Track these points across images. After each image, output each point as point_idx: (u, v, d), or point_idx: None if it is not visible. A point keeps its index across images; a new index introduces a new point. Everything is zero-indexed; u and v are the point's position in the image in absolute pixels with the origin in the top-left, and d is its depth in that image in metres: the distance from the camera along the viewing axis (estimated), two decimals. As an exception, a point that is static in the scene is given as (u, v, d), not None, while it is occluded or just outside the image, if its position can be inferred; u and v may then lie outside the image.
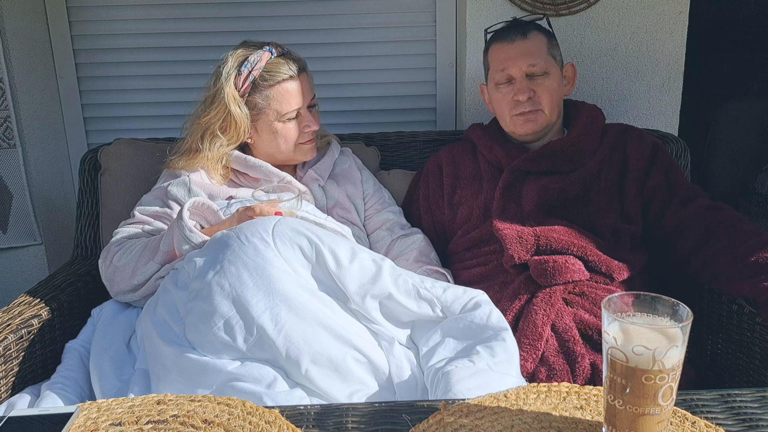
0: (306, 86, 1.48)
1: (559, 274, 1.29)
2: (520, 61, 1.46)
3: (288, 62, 1.46)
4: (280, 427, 0.77)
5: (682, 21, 1.85)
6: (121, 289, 1.34)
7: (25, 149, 1.88)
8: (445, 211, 1.57)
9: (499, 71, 1.49)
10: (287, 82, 1.44)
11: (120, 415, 0.81)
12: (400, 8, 1.99)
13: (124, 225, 1.44)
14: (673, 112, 1.92)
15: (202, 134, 1.47)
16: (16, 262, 1.96)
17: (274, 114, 1.46)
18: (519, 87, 1.47)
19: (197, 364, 1.04)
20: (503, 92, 1.50)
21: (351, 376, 1.03)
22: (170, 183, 1.46)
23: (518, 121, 1.49)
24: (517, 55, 1.47)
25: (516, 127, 1.51)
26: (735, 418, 0.80)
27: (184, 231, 1.27)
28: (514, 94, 1.47)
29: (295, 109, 1.46)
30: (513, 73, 1.47)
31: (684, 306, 0.71)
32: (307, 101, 1.49)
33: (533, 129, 1.49)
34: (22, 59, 1.86)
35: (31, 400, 1.12)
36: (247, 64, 1.44)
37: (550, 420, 0.78)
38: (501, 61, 1.49)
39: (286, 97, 1.45)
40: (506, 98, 1.49)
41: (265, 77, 1.43)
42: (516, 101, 1.47)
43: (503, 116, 1.53)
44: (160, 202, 1.46)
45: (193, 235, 1.26)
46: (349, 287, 1.10)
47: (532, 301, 1.28)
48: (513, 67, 1.47)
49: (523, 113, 1.48)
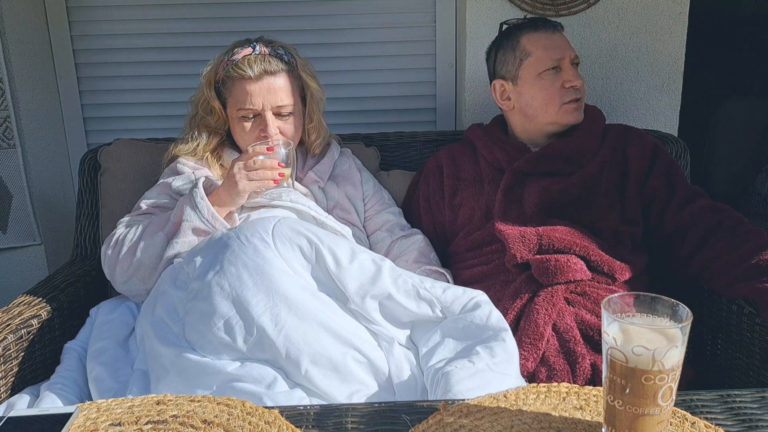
0: (269, 91, 1.42)
1: (560, 272, 1.29)
2: (569, 50, 1.48)
3: (260, 63, 1.42)
4: (279, 427, 0.77)
5: (682, 21, 1.85)
6: (123, 270, 1.32)
7: (25, 149, 1.88)
8: (446, 213, 1.57)
9: (550, 58, 1.46)
10: (246, 81, 1.42)
11: (119, 415, 0.81)
12: (400, 8, 1.99)
13: (128, 216, 1.44)
14: (673, 112, 1.92)
15: (193, 114, 1.52)
16: (15, 262, 1.96)
17: (233, 108, 1.46)
18: (573, 73, 1.46)
19: (197, 364, 1.04)
20: (550, 80, 1.47)
21: (351, 376, 1.03)
22: (174, 178, 1.47)
23: (568, 109, 1.47)
24: (565, 44, 1.49)
25: (565, 117, 1.48)
26: (735, 418, 0.80)
27: (196, 198, 1.30)
28: (566, 81, 1.46)
29: (249, 109, 1.43)
30: (563, 61, 1.46)
31: (684, 306, 0.71)
32: (270, 107, 1.43)
33: (580, 117, 1.49)
34: (22, 59, 1.86)
35: (30, 401, 1.12)
36: (231, 54, 1.46)
37: (549, 420, 0.78)
38: (550, 48, 1.47)
39: (241, 96, 1.43)
40: (555, 86, 1.46)
41: (229, 71, 1.44)
42: (569, 88, 1.46)
43: (549, 105, 1.48)
44: (166, 196, 1.46)
45: (203, 203, 1.30)
46: (348, 287, 1.10)
47: (533, 300, 1.28)
48: (565, 54, 1.47)
49: (574, 100, 1.47)
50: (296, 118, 1.49)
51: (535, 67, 1.48)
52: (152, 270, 1.31)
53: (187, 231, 1.31)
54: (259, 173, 1.31)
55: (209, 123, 1.51)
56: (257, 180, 1.31)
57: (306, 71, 1.51)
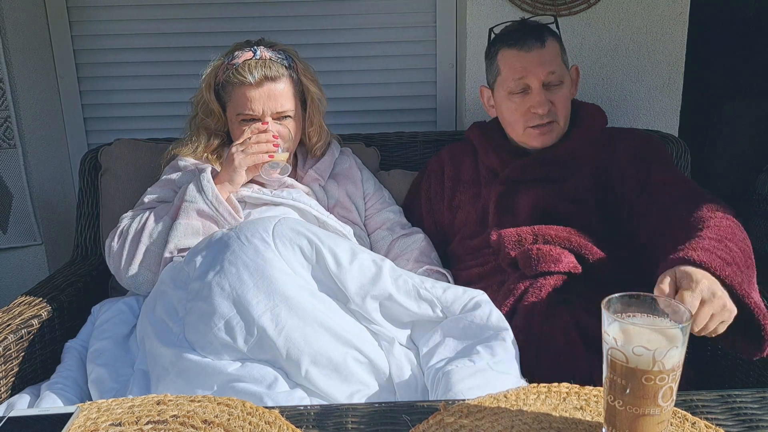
0: (269, 97, 1.42)
1: (543, 261, 1.27)
2: (539, 71, 1.39)
3: (260, 68, 1.41)
4: (280, 427, 0.77)
5: (682, 21, 1.85)
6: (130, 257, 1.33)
7: (26, 149, 1.88)
8: (445, 214, 1.57)
9: (515, 80, 1.41)
10: (246, 87, 1.41)
11: (120, 415, 0.81)
12: (400, 9, 1.99)
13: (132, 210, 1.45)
14: (674, 112, 1.92)
15: (193, 116, 1.52)
16: (16, 262, 1.96)
17: (233, 112, 1.46)
18: (538, 99, 1.39)
19: (197, 364, 1.04)
20: (517, 102, 1.42)
21: (351, 376, 1.03)
22: (178, 174, 1.47)
23: (533, 134, 1.42)
24: (536, 65, 1.39)
25: (530, 140, 1.44)
26: (735, 418, 0.80)
27: (203, 181, 1.34)
28: (531, 106, 1.40)
29: (248, 114, 1.43)
30: (532, 84, 1.39)
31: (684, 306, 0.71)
32: (270, 112, 1.43)
33: (549, 141, 1.43)
34: (22, 59, 1.86)
35: (30, 401, 1.12)
36: (231, 57, 1.45)
37: (550, 420, 0.78)
38: (518, 69, 1.40)
39: (241, 101, 1.43)
40: (520, 109, 1.42)
41: (230, 76, 1.43)
42: (533, 114, 1.41)
43: (514, 127, 1.45)
44: (169, 191, 1.46)
45: (209, 185, 1.33)
46: (349, 288, 1.10)
47: (523, 297, 1.28)
48: (532, 78, 1.39)
49: (539, 126, 1.41)
50: (296, 121, 1.49)
51: (504, 87, 1.44)
52: (158, 256, 1.32)
53: (191, 212, 1.32)
54: (254, 147, 1.37)
55: (209, 125, 1.51)
56: (252, 153, 1.36)
57: (306, 75, 1.51)
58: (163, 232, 1.33)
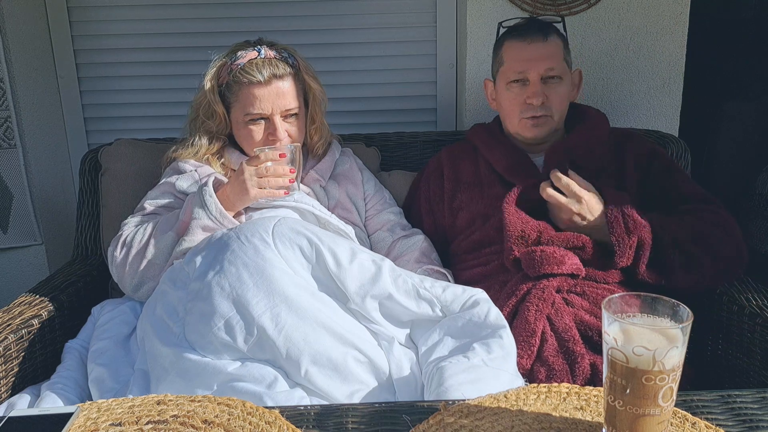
0: (278, 95, 1.42)
1: (546, 263, 1.28)
2: (539, 64, 1.42)
3: (267, 67, 1.41)
4: (280, 427, 0.77)
5: (682, 21, 1.85)
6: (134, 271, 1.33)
7: (26, 149, 1.88)
8: (445, 215, 1.57)
9: (514, 71, 1.45)
10: (254, 86, 1.41)
11: (120, 415, 0.81)
12: (401, 9, 1.99)
13: (133, 217, 1.44)
14: (674, 112, 1.92)
15: (194, 118, 1.50)
16: (16, 262, 1.96)
17: (240, 113, 1.45)
18: (534, 90, 1.43)
19: (197, 364, 1.04)
20: (515, 92, 1.46)
21: (351, 376, 1.03)
22: (177, 177, 1.46)
23: (527, 124, 1.46)
24: (537, 58, 1.43)
25: (523, 130, 1.48)
26: (735, 419, 0.80)
27: (205, 196, 1.31)
28: (528, 97, 1.43)
29: (257, 113, 1.43)
30: (530, 75, 1.43)
31: (684, 307, 0.71)
32: (279, 110, 1.43)
33: (541, 134, 1.47)
34: (22, 59, 1.86)
35: (31, 400, 1.12)
36: (234, 58, 1.44)
37: (550, 421, 0.78)
38: (519, 61, 1.45)
39: (249, 100, 1.42)
40: (518, 99, 1.46)
41: (237, 76, 1.42)
42: (528, 104, 1.44)
43: (511, 116, 1.49)
44: (170, 195, 1.46)
45: (211, 200, 1.30)
46: (349, 287, 1.10)
47: (526, 297, 1.28)
48: (531, 69, 1.43)
49: (533, 117, 1.45)
50: (300, 120, 1.49)
51: (505, 77, 1.48)
52: (162, 268, 1.32)
53: (197, 230, 1.31)
54: (270, 181, 1.33)
55: (210, 127, 1.49)
56: (269, 188, 1.33)
57: (308, 73, 1.51)
58: (169, 247, 1.32)
